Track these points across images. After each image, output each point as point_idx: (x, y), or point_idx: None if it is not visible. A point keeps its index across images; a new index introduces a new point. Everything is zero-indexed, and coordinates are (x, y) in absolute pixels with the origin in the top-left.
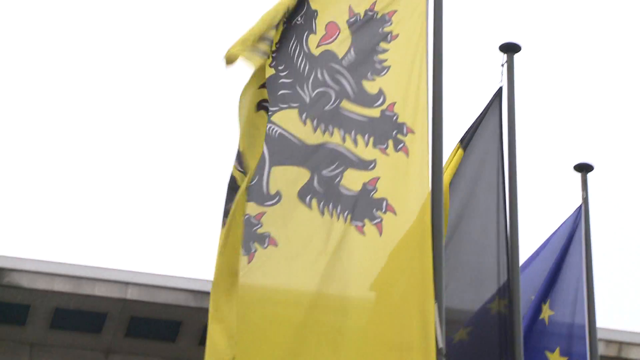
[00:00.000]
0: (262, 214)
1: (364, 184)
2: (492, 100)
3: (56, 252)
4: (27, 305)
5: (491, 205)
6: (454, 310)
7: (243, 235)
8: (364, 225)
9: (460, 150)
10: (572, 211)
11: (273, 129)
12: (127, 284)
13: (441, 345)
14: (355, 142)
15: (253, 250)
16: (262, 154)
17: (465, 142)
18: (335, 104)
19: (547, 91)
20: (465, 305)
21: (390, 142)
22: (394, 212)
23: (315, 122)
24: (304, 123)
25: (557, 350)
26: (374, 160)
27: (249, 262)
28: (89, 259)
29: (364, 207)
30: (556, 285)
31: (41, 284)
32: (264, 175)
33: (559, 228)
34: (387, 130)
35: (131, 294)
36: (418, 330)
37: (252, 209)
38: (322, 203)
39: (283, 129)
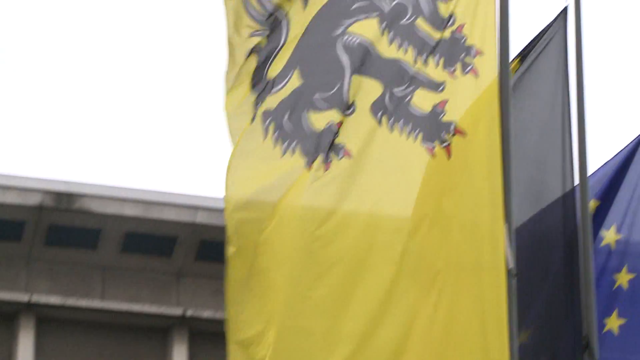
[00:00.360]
0: (341, 123)
1: (434, 106)
2: (555, 19)
3: (126, 177)
4: (98, 230)
5: (555, 124)
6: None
7: (321, 143)
8: (434, 147)
9: (516, 66)
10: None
11: (351, 38)
12: (196, 208)
13: (511, 265)
14: (425, 62)
15: (329, 160)
16: (341, 63)
17: (521, 58)
18: (410, 20)
19: (614, 10)
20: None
21: (459, 65)
22: (463, 134)
23: (391, 34)
24: (382, 33)
25: (625, 268)
26: (443, 83)
27: (325, 170)
28: (158, 183)
29: (434, 129)
30: (622, 208)
31: (111, 209)
32: (344, 84)
33: (617, 154)
34: (456, 53)
35: (201, 218)
36: (488, 251)
37: (334, 116)
38: (392, 119)
39: (362, 38)
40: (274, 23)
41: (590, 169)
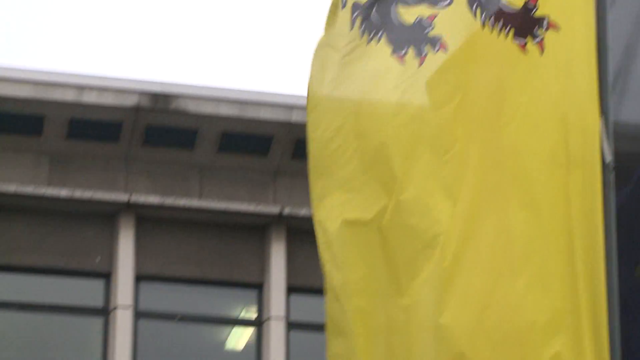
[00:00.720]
0: (434, 16)
1: (525, 2)
2: None
3: (221, 77)
4: (195, 130)
5: None
6: (623, 125)
7: (412, 36)
8: (526, 44)
9: None
10: None
11: None
12: (292, 107)
13: (609, 159)
14: None
15: (424, 54)
16: None
17: None
18: None
19: None
20: (632, 119)
21: None
22: (556, 29)
23: None
24: None
25: None
26: None
27: (420, 65)
28: (254, 83)
29: (526, 25)
30: None
31: (207, 109)
32: None
33: None
34: None
35: (296, 117)
36: (584, 145)
37: (424, 11)
38: (484, 14)
39: None
40: None
41: None
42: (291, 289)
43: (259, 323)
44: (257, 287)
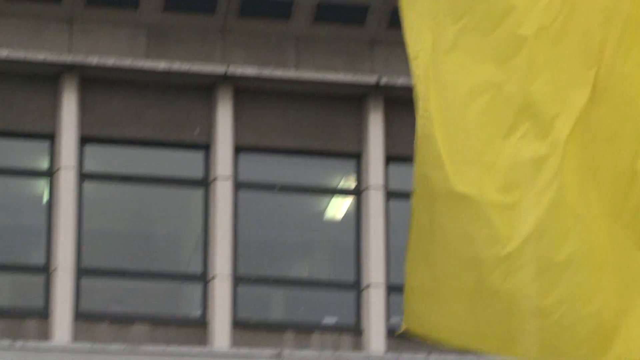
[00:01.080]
0: None
1: None
2: None
3: None
4: (290, 0)
5: None
6: None
7: None
8: None
9: None
10: None
11: None
12: None
13: None
14: None
15: None
16: None
17: None
18: None
19: None
20: None
21: None
22: None
23: None
24: None
25: None
26: None
27: None
28: None
29: None
30: None
31: None
32: None
33: None
34: None
35: None
36: None
37: None
38: None
39: None
40: None
41: None
42: (389, 159)
43: (357, 192)
44: (356, 157)
